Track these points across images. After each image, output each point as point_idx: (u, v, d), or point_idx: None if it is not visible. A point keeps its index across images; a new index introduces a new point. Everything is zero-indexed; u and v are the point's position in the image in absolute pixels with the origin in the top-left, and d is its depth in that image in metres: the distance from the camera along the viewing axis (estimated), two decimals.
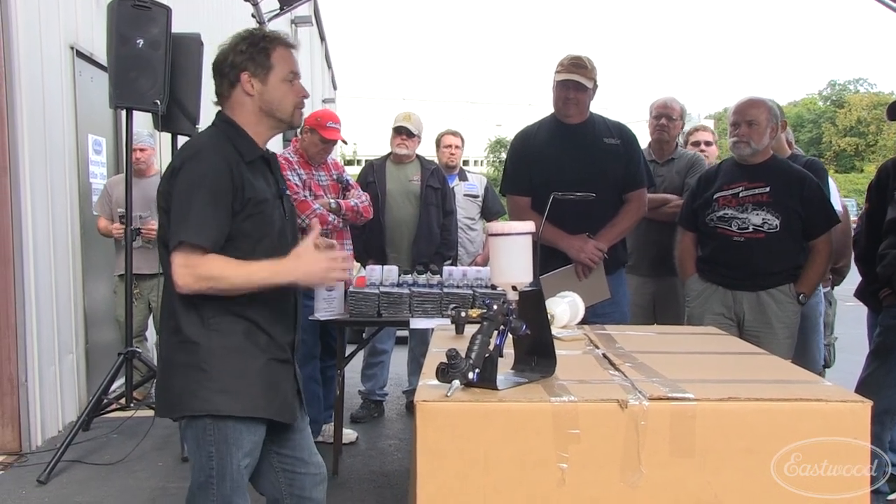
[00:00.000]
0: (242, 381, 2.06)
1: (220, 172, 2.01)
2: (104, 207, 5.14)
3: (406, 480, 2.46)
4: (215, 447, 2.05)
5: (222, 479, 2.07)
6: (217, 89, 2.19)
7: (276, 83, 2.14)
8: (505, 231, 1.83)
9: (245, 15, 6.95)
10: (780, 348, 3.30)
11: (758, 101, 3.54)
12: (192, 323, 2.05)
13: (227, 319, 2.06)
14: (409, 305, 3.61)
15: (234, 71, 2.12)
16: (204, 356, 2.04)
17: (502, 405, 1.62)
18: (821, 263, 3.50)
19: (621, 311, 3.61)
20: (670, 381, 1.72)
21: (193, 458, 2.12)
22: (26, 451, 4.32)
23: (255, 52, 2.12)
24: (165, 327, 2.13)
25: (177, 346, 2.08)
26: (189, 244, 1.96)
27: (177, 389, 2.07)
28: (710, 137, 4.74)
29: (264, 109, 2.15)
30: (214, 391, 2.03)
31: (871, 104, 50.09)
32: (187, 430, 2.11)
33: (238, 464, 2.08)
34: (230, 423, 2.05)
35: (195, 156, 2.05)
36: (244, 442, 2.08)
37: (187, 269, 1.96)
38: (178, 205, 2.00)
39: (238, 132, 2.13)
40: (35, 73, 4.54)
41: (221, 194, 2.01)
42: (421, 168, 4.92)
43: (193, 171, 2.02)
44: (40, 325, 4.49)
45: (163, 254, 2.10)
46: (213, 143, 2.09)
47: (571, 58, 3.50)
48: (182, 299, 2.03)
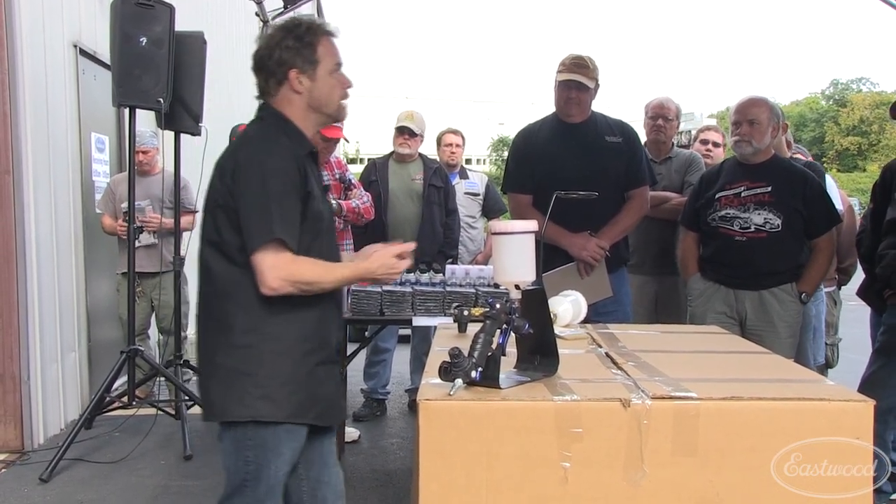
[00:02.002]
0: (288, 387, 2.00)
1: (290, 166, 1.96)
2: (108, 205, 5.14)
3: (408, 479, 2.46)
4: (252, 452, 2.00)
5: (257, 484, 2.02)
6: (261, 86, 2.11)
7: (324, 77, 2.07)
8: (508, 230, 1.83)
9: (248, 13, 6.96)
10: (783, 347, 3.30)
11: (759, 99, 3.54)
12: (245, 326, 1.98)
13: (279, 321, 1.99)
14: (411, 304, 3.61)
15: (281, 68, 2.05)
16: (253, 361, 1.98)
17: (505, 404, 1.62)
18: (823, 262, 3.51)
19: (623, 310, 3.61)
20: (673, 380, 1.72)
21: (229, 462, 2.06)
22: (28, 450, 4.32)
23: (302, 46, 2.04)
24: (210, 328, 2.06)
25: (225, 348, 2.01)
26: (278, 241, 1.90)
27: (221, 393, 2.02)
28: (718, 139, 4.71)
29: (312, 105, 2.08)
30: (257, 397, 1.97)
31: (874, 103, 49.94)
32: (226, 433, 2.04)
33: (276, 470, 2.02)
34: (271, 429, 2.00)
35: (259, 150, 1.98)
36: (283, 448, 2.02)
37: (279, 271, 1.91)
38: (252, 202, 1.92)
39: (289, 125, 2.07)
40: (38, 72, 4.55)
41: (294, 189, 1.95)
42: (424, 167, 4.93)
43: (265, 166, 1.94)
44: (43, 323, 4.49)
45: (205, 251, 2.03)
46: (270, 139, 2.02)
47: (573, 57, 3.50)
48: (235, 301, 1.98)
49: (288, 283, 1.92)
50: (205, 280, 2.07)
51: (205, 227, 2.06)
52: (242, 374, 1.98)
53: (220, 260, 2.00)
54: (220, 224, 1.99)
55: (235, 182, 1.96)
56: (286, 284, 1.92)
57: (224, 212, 1.98)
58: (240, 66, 8.87)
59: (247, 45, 9.65)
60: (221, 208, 1.99)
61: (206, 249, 2.05)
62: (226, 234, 1.99)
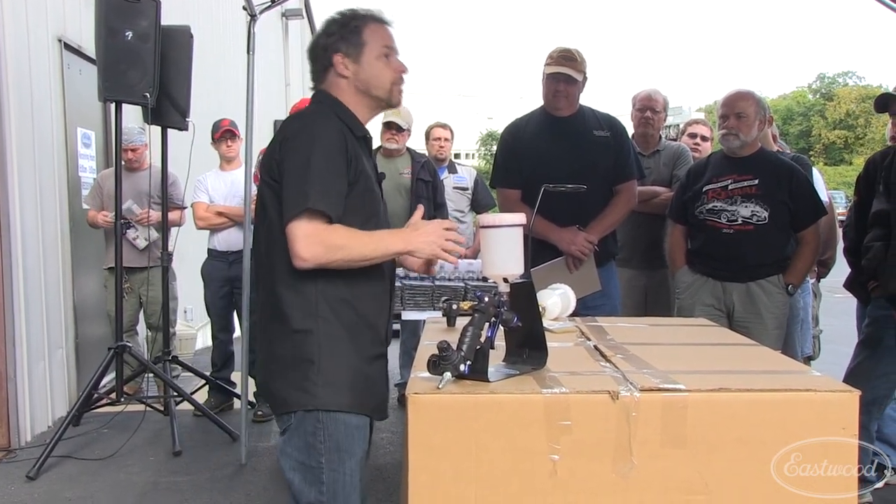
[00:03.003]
0: (349, 374, 1.92)
1: (336, 140, 1.90)
2: (96, 200, 5.11)
3: (398, 473, 2.46)
4: (326, 457, 1.89)
5: (333, 499, 1.89)
6: (312, 75, 2.10)
7: (371, 60, 2.03)
8: (496, 223, 1.83)
9: (236, 7, 6.91)
10: (770, 339, 3.32)
11: (746, 93, 3.55)
12: (300, 310, 1.89)
13: (332, 306, 1.90)
14: (400, 298, 3.61)
15: (326, 54, 2.03)
16: (313, 347, 1.89)
17: (494, 397, 1.62)
18: (809, 254, 3.53)
19: (612, 304, 3.62)
20: (661, 373, 1.73)
21: (297, 475, 1.92)
22: (15, 447, 4.30)
23: (347, 31, 2.02)
24: (265, 316, 1.98)
25: (281, 335, 1.92)
26: (313, 212, 1.82)
27: (283, 384, 1.92)
28: (706, 132, 4.71)
29: (361, 89, 2.04)
30: (321, 385, 1.88)
31: (860, 97, 50.25)
32: (293, 437, 1.91)
33: (351, 476, 1.91)
34: (341, 425, 1.89)
35: (306, 126, 1.94)
36: (356, 449, 1.92)
37: (314, 238, 1.81)
38: (294, 173, 1.85)
39: (343, 108, 2.02)
40: (23, 66, 4.51)
41: (340, 162, 1.88)
42: (412, 161, 4.91)
43: (308, 139, 1.90)
44: (29, 320, 4.47)
45: (259, 230, 1.97)
46: (321, 115, 1.98)
47: (561, 50, 3.50)
48: (287, 285, 1.89)
49: (325, 251, 1.81)
50: (259, 267, 2.02)
51: (258, 213, 2.00)
52: (308, 361, 1.89)
53: (271, 244, 1.93)
54: (271, 203, 1.92)
55: (282, 156, 1.90)
56: (323, 252, 1.81)
57: (269, 187, 1.93)
58: (227, 61, 8.85)
59: (234, 39, 9.64)
60: (266, 183, 1.94)
61: (260, 236, 1.98)
62: (275, 212, 1.90)
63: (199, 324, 7.14)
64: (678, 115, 27.77)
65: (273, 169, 1.91)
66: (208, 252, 5.01)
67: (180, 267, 5.39)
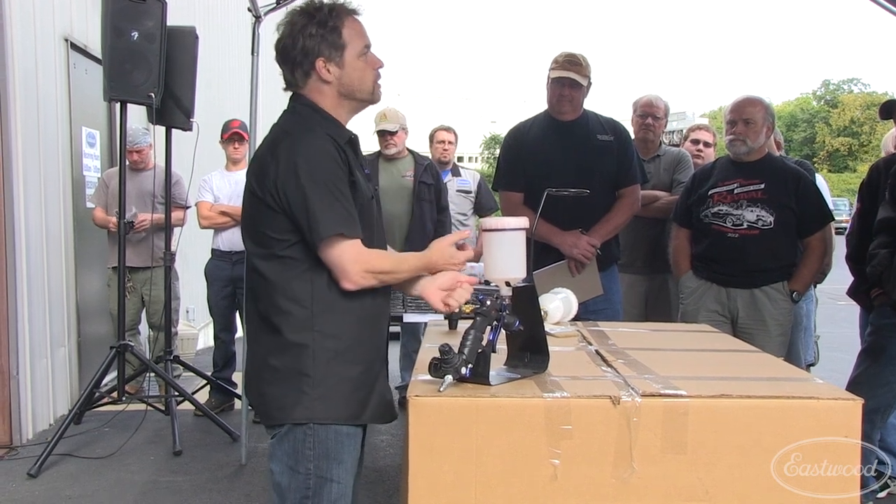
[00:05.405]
0: (345, 386, 1.90)
1: (335, 156, 1.88)
2: (101, 198, 5.12)
3: (398, 476, 2.46)
4: (314, 463, 1.88)
5: (319, 501, 1.89)
6: (288, 78, 2.01)
7: (353, 61, 1.95)
8: (499, 226, 1.83)
9: (241, 8, 6.93)
10: (773, 346, 3.31)
11: (754, 99, 3.55)
12: (298, 323, 1.88)
13: (333, 319, 1.89)
14: (402, 300, 3.61)
15: (307, 58, 1.93)
16: (308, 360, 1.87)
17: (495, 400, 1.62)
18: (815, 261, 3.52)
19: (614, 308, 3.62)
20: (663, 378, 1.73)
21: (283, 479, 1.91)
22: (17, 445, 4.30)
23: (326, 32, 1.92)
24: (257, 327, 1.97)
25: (276, 347, 1.90)
26: (343, 237, 1.82)
27: (277, 396, 1.90)
28: (709, 138, 4.69)
29: (344, 93, 1.98)
30: (315, 398, 1.87)
31: (865, 104, 50.13)
32: (283, 441, 1.91)
33: (338, 483, 1.91)
34: (332, 433, 1.89)
35: (300, 144, 1.88)
36: (345, 456, 1.92)
37: (361, 265, 1.83)
38: (310, 198, 1.82)
39: (324, 116, 1.97)
40: (29, 66, 4.52)
41: (344, 179, 1.88)
42: (414, 164, 4.91)
43: (310, 161, 1.85)
44: (32, 318, 4.47)
45: (249, 249, 1.96)
46: (308, 128, 1.93)
47: (566, 55, 3.50)
48: (287, 297, 1.88)
49: (371, 276, 1.86)
50: (252, 279, 1.99)
51: (245, 225, 1.98)
52: (302, 374, 1.87)
53: (265, 259, 1.91)
54: (264, 221, 1.90)
55: (281, 180, 1.85)
56: (370, 277, 1.86)
57: (266, 207, 1.89)
58: (232, 62, 8.88)
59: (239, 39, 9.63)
60: (262, 204, 1.90)
61: (250, 248, 1.97)
62: (269, 230, 1.89)
63: (201, 324, 7.15)
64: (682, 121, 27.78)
65: (269, 186, 1.87)
66: (212, 252, 5.01)
67: (183, 267, 5.39)
